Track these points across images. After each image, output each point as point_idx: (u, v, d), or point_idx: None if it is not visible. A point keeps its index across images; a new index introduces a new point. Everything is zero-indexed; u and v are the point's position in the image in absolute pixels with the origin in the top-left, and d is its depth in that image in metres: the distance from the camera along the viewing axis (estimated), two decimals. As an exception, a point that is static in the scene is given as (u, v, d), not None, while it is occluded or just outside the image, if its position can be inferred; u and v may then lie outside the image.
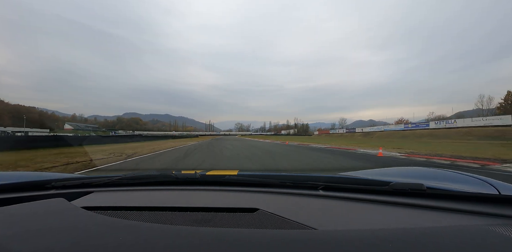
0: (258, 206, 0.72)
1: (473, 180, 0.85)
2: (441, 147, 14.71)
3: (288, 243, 0.47)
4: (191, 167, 6.62)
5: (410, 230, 0.53)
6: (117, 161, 8.36)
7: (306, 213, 0.68)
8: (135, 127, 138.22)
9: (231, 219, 0.65)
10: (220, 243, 0.47)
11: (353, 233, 0.52)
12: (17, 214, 0.66)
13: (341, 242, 0.46)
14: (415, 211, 0.67)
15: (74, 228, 0.55)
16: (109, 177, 1.00)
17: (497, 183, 0.78)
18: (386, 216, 0.66)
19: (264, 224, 0.61)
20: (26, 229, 0.55)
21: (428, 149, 12.57)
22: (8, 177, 1.11)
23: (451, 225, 0.58)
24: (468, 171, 1.19)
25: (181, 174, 1.02)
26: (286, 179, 0.94)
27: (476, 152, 10.31)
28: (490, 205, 0.66)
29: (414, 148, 13.37)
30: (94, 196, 0.90)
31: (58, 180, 0.97)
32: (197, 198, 0.85)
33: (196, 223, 0.63)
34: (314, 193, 0.84)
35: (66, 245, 0.47)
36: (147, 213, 0.70)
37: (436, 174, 1.05)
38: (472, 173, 0.94)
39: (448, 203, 0.69)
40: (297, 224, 0.60)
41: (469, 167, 6.29)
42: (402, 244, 0.45)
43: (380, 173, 1.19)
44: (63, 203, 0.73)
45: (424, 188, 0.73)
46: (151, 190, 0.95)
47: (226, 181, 0.97)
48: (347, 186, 0.84)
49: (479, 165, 6.61)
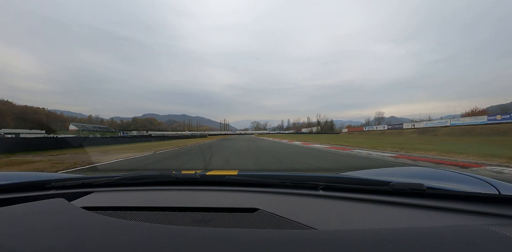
0: (258, 206, 0.72)
1: (473, 180, 0.85)
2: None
3: (288, 243, 0.47)
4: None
5: (410, 230, 0.53)
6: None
7: (306, 213, 0.68)
8: (149, 127, 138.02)
9: (231, 219, 0.65)
10: (220, 243, 0.47)
11: (353, 233, 0.52)
12: (18, 214, 0.66)
13: (341, 242, 0.47)
14: (415, 211, 0.67)
15: (74, 228, 0.55)
16: (109, 177, 1.00)
17: (497, 183, 0.78)
18: (386, 216, 0.66)
19: (264, 224, 0.61)
20: (27, 229, 0.55)
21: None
22: (8, 177, 1.11)
23: (451, 225, 0.58)
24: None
25: (181, 174, 1.01)
26: (286, 179, 0.93)
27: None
28: (490, 205, 0.66)
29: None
30: (94, 196, 0.90)
31: (58, 180, 0.98)
32: (197, 198, 0.85)
33: (196, 223, 0.63)
34: (314, 193, 0.84)
35: (66, 245, 0.48)
36: (147, 213, 0.70)
37: (436, 174, 1.05)
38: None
39: (448, 203, 0.69)
40: (297, 224, 0.60)
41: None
42: (402, 244, 0.45)
43: (380, 173, 1.20)
44: (63, 203, 0.73)
45: (424, 188, 0.73)
46: (151, 190, 0.95)
47: (226, 181, 0.96)
48: (347, 186, 0.84)
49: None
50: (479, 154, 8.23)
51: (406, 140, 25.58)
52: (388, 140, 25.21)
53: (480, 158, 7.44)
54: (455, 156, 8.16)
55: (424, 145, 14.02)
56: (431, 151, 9.69)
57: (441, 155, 8.48)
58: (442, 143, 17.22)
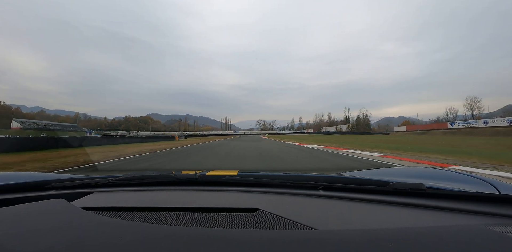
0: (258, 206, 0.71)
1: (473, 180, 0.85)
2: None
3: (288, 243, 0.47)
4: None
5: (410, 230, 0.53)
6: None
7: (306, 213, 0.68)
8: (143, 126, 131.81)
9: (231, 219, 0.65)
10: (220, 243, 0.47)
11: (353, 233, 0.52)
12: (17, 214, 0.66)
13: (341, 242, 0.46)
14: (415, 210, 0.67)
15: (74, 229, 0.55)
16: (109, 178, 1.00)
17: (497, 183, 0.78)
18: (386, 216, 0.65)
19: (264, 224, 0.61)
20: (27, 229, 0.55)
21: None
22: (8, 177, 1.11)
23: (451, 225, 0.58)
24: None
25: (181, 174, 1.01)
26: (286, 179, 0.93)
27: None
28: (490, 204, 0.66)
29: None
30: (94, 196, 0.90)
31: (57, 180, 0.97)
32: (197, 198, 0.85)
33: (196, 223, 0.63)
34: (314, 193, 0.83)
35: (66, 245, 0.48)
36: (147, 214, 0.70)
37: (436, 174, 1.04)
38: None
39: (448, 202, 0.68)
40: (297, 224, 0.60)
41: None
42: (402, 244, 0.45)
43: (380, 173, 1.20)
44: (63, 204, 0.73)
45: (424, 188, 0.72)
46: (151, 190, 0.95)
47: (226, 181, 0.96)
48: (347, 186, 0.83)
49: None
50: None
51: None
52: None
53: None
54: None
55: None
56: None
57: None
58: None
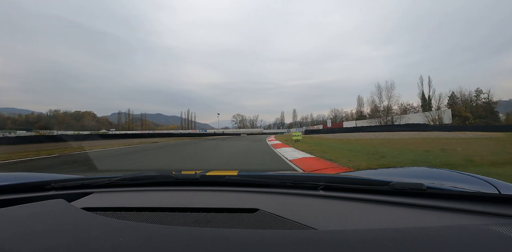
0: (258, 206, 0.71)
1: (473, 180, 0.85)
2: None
3: (288, 243, 0.47)
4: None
5: (410, 230, 0.53)
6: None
7: (306, 213, 0.68)
8: (72, 124, 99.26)
9: (231, 219, 0.65)
10: (220, 243, 0.47)
11: (353, 233, 0.52)
12: (17, 215, 0.66)
13: (341, 242, 0.46)
14: (415, 210, 0.67)
15: (74, 229, 0.55)
16: (109, 178, 0.99)
17: (497, 182, 0.78)
18: (386, 216, 0.65)
19: (264, 224, 0.61)
20: (26, 230, 0.55)
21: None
22: (8, 178, 1.10)
23: (451, 225, 0.58)
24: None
25: (181, 174, 1.00)
26: (286, 179, 0.93)
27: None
28: (490, 204, 0.66)
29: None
30: (94, 197, 0.89)
31: (57, 181, 0.97)
32: (197, 199, 0.84)
33: (196, 223, 0.63)
34: (314, 193, 0.83)
35: (66, 246, 0.47)
36: (147, 214, 0.70)
37: (436, 174, 1.04)
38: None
39: (448, 202, 0.68)
40: (297, 224, 0.60)
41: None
42: (402, 244, 0.45)
43: (380, 173, 1.20)
44: (63, 204, 0.73)
45: (424, 188, 0.72)
46: (151, 191, 0.94)
47: (226, 181, 0.95)
48: (347, 186, 0.83)
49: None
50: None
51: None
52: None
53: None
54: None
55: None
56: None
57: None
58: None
